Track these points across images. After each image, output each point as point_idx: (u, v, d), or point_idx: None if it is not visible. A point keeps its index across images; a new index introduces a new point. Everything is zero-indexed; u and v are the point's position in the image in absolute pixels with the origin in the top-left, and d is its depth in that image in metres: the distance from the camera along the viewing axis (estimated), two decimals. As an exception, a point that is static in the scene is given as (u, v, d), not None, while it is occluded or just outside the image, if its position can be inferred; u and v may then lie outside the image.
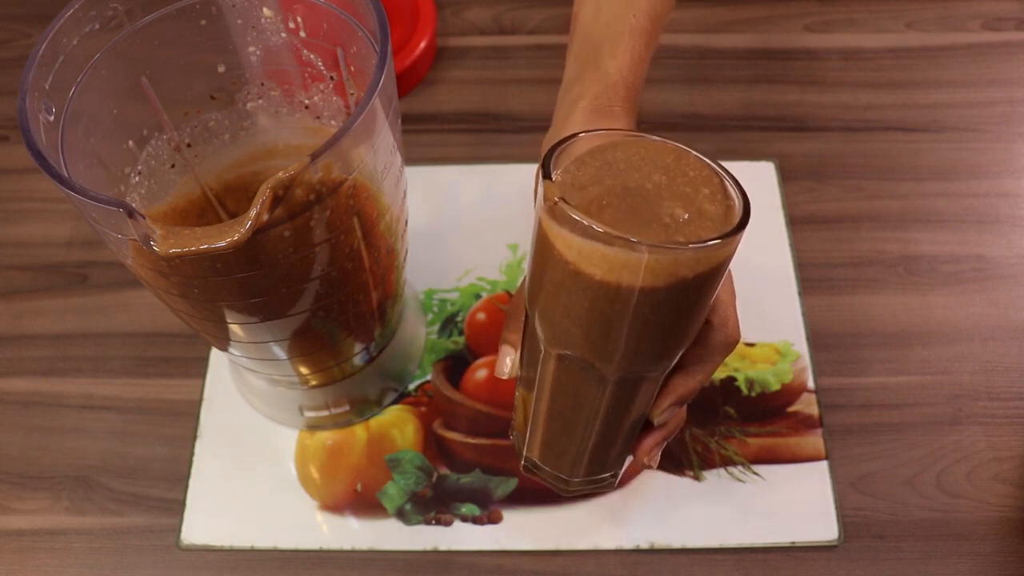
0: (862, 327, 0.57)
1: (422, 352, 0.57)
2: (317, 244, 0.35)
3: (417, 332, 0.57)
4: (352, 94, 0.42)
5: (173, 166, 0.44)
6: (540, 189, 0.32)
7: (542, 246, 0.33)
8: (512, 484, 0.52)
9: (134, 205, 0.30)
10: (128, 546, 0.51)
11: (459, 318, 0.58)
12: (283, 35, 0.41)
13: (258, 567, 0.50)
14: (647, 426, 0.40)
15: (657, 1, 0.45)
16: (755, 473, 0.52)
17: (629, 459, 0.42)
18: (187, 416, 0.55)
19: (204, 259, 0.33)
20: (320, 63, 0.42)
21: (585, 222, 0.30)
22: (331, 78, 0.42)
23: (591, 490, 0.44)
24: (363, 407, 0.54)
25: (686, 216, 0.31)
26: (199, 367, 0.57)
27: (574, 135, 0.33)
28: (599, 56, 0.43)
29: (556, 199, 0.30)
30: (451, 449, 0.54)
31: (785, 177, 0.63)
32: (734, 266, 0.35)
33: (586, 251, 0.30)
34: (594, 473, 0.42)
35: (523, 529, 0.51)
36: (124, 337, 0.58)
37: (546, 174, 0.32)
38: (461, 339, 0.58)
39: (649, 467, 0.46)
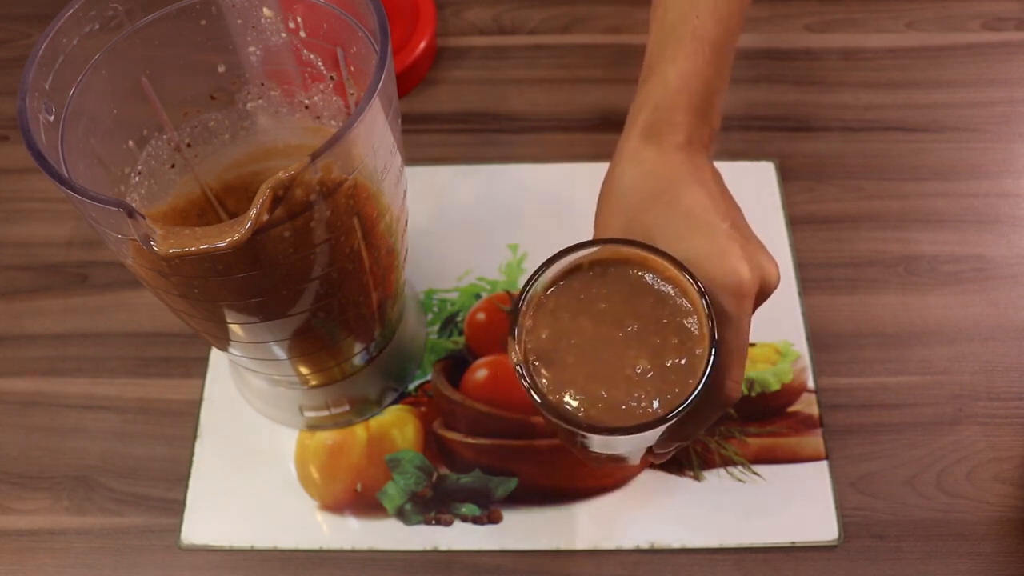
0: (862, 327, 0.57)
1: (422, 352, 0.57)
2: (317, 244, 0.35)
3: (417, 332, 0.57)
4: (352, 94, 0.42)
5: (173, 166, 0.44)
6: (509, 340, 0.35)
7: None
8: (512, 484, 0.52)
9: (134, 205, 0.30)
10: (128, 546, 0.51)
11: (459, 318, 0.58)
12: (283, 35, 0.41)
13: (258, 567, 0.50)
14: None
15: (723, 1, 0.43)
16: (755, 473, 0.52)
17: None
18: (187, 416, 0.55)
19: (204, 259, 0.33)
20: (320, 63, 0.42)
21: (537, 400, 0.33)
22: (331, 78, 0.42)
23: None
24: (363, 407, 0.54)
25: (649, 371, 0.34)
26: (199, 367, 0.57)
27: (544, 268, 0.36)
28: (662, 60, 0.43)
29: (515, 365, 0.34)
30: (451, 449, 0.54)
31: (785, 177, 0.63)
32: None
33: None
34: None
35: (523, 529, 0.51)
36: (124, 337, 0.58)
37: (512, 327, 0.35)
38: (461, 339, 0.58)
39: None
